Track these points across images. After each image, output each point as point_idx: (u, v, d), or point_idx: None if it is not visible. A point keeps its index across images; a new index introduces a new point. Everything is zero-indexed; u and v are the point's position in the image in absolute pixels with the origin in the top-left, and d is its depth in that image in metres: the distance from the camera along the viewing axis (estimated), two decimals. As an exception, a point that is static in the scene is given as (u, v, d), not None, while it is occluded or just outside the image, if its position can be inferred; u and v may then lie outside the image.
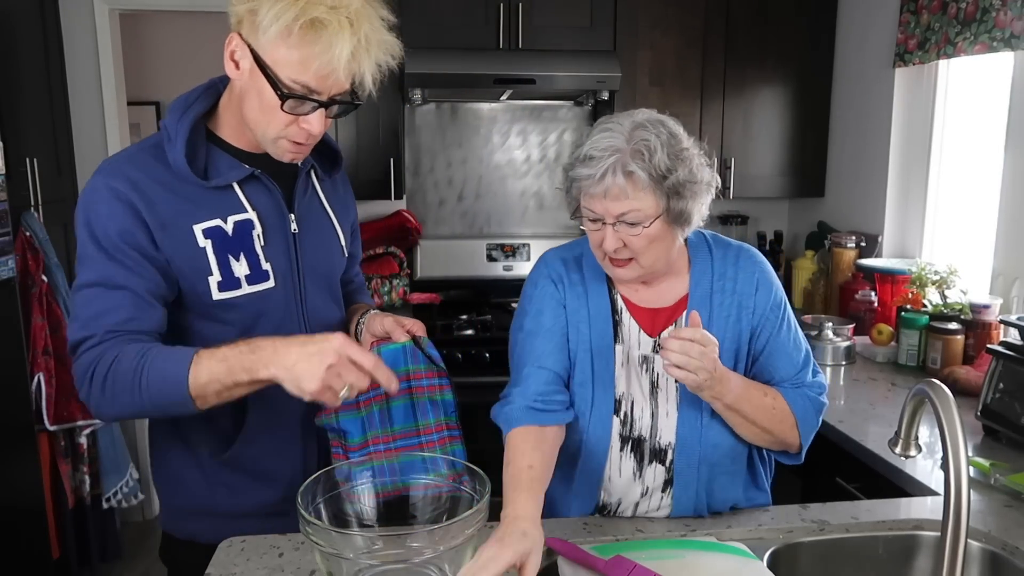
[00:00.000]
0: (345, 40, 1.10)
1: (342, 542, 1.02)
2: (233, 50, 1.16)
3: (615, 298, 1.35)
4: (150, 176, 1.18)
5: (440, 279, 3.25)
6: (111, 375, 1.11)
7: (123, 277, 1.15)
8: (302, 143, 1.21)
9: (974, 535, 1.30)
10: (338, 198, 1.42)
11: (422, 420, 1.34)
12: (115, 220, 1.16)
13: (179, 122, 1.20)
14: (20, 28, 2.73)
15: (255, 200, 1.25)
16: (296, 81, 1.13)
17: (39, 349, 2.58)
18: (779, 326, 1.32)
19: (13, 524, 2.41)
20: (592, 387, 1.32)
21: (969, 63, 2.50)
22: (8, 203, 2.37)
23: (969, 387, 2.00)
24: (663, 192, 1.20)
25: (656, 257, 1.26)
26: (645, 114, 1.24)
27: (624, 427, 1.33)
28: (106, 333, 1.14)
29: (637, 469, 1.34)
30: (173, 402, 1.11)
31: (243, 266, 1.23)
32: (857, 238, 2.84)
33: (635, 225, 1.21)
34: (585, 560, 1.14)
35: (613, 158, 1.18)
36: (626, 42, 2.91)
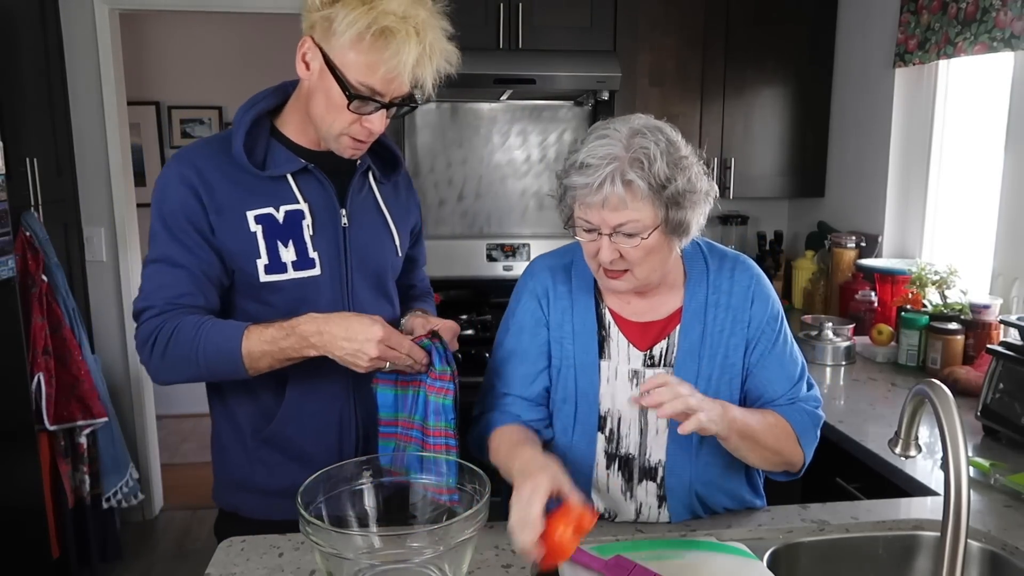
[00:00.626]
0: (412, 48, 1.20)
1: (342, 542, 1.02)
2: (305, 52, 1.25)
3: (603, 312, 1.32)
4: (213, 164, 1.30)
5: (440, 279, 3.25)
6: (171, 344, 1.25)
7: (182, 256, 1.27)
8: (363, 141, 1.31)
9: (974, 535, 1.30)
10: (399, 202, 1.49)
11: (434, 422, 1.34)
12: (179, 203, 1.28)
13: (244, 115, 1.31)
14: (20, 28, 2.73)
15: (307, 192, 1.34)
16: (363, 83, 1.22)
17: (39, 349, 2.59)
18: (774, 340, 1.30)
19: (13, 524, 2.41)
20: (576, 403, 1.31)
21: (969, 63, 2.50)
22: (8, 203, 2.37)
23: (969, 387, 2.00)
24: (662, 202, 1.16)
25: (652, 268, 1.24)
26: (642, 120, 1.20)
27: (610, 444, 1.31)
28: (165, 304, 1.27)
29: (626, 487, 1.32)
30: (227, 369, 1.26)
31: (290, 252, 1.32)
32: (857, 238, 2.84)
33: (633, 236, 1.18)
34: (585, 560, 1.14)
35: (611, 167, 1.14)
36: (626, 42, 2.91)
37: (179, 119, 4.54)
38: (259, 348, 1.24)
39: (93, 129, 3.09)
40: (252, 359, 1.24)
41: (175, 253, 1.28)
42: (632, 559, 1.12)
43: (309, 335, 1.23)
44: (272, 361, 1.26)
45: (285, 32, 4.36)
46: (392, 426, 1.35)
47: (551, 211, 3.39)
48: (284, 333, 1.24)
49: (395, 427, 1.34)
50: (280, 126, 1.36)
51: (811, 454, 1.30)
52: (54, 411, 2.63)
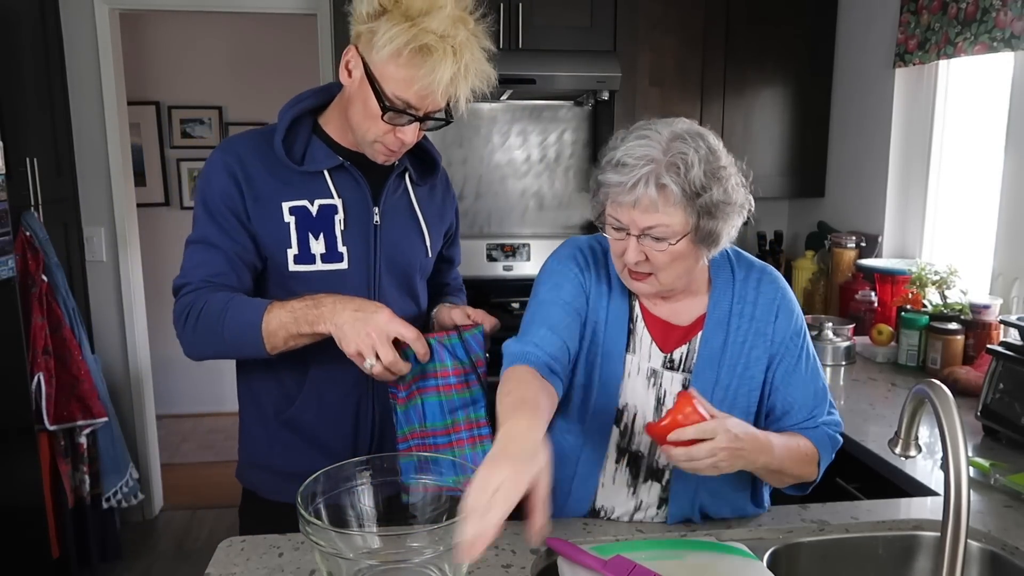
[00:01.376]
0: (447, 66, 1.24)
1: (342, 542, 1.02)
2: (348, 60, 1.30)
3: (633, 304, 1.30)
4: (255, 155, 1.36)
5: (440, 279, 3.25)
6: (201, 317, 1.31)
7: (219, 239, 1.34)
8: (395, 150, 1.36)
9: (974, 535, 1.30)
10: (434, 204, 1.53)
11: (451, 418, 1.35)
12: (220, 189, 1.34)
13: (286, 112, 1.37)
14: (20, 28, 2.73)
15: (342, 188, 1.39)
16: (398, 97, 1.27)
17: (39, 349, 2.59)
18: (799, 355, 1.29)
19: (13, 524, 2.41)
20: (595, 392, 1.28)
21: (969, 63, 2.50)
22: (8, 203, 2.37)
23: (969, 387, 2.00)
24: (694, 210, 1.14)
25: (677, 275, 1.22)
26: (685, 125, 1.18)
27: (623, 439, 1.30)
28: (201, 281, 1.33)
29: (631, 484, 1.31)
30: (248, 343, 1.29)
31: (320, 245, 1.37)
32: (857, 238, 2.84)
33: (661, 240, 1.16)
34: (585, 560, 1.14)
35: (647, 168, 1.13)
36: (626, 42, 2.91)
37: (179, 119, 4.54)
38: (277, 320, 1.28)
39: (93, 129, 3.09)
40: (270, 332, 1.28)
41: (213, 235, 1.34)
42: (632, 559, 1.12)
43: (323, 303, 1.27)
44: (287, 336, 1.28)
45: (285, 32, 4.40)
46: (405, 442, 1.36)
47: (551, 211, 3.41)
48: (304, 304, 1.28)
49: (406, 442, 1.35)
50: (323, 125, 1.41)
51: (822, 473, 1.29)
52: (54, 411, 2.63)
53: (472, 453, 1.34)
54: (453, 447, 1.34)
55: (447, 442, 1.35)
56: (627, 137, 1.18)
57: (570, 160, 3.38)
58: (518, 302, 3.13)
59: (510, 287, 3.22)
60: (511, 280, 3.26)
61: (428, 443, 1.35)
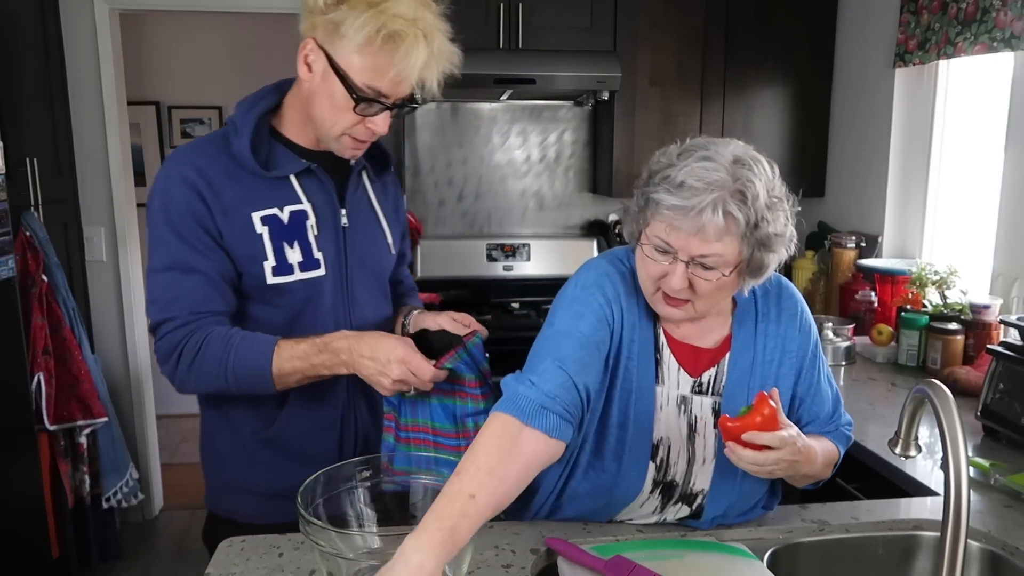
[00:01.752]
0: (420, 51, 1.22)
1: (342, 542, 1.02)
2: (307, 54, 1.25)
3: (658, 333, 1.22)
4: (216, 165, 1.28)
5: (440, 279, 3.25)
6: (200, 357, 1.25)
7: (196, 260, 1.26)
8: (364, 141, 1.32)
9: (974, 535, 1.30)
10: (388, 200, 1.50)
11: (461, 424, 1.36)
12: (186, 205, 1.25)
13: (246, 116, 1.30)
14: (20, 28, 2.73)
15: (310, 192, 1.34)
16: (370, 86, 1.23)
17: (39, 349, 2.59)
18: (819, 366, 1.28)
19: (13, 524, 2.40)
20: (630, 429, 1.20)
21: (969, 63, 2.50)
22: (8, 203, 2.37)
23: (969, 387, 2.00)
24: (750, 241, 1.08)
25: (715, 302, 1.18)
26: (741, 147, 1.11)
27: (659, 473, 1.24)
28: (189, 314, 1.26)
29: (660, 507, 1.28)
30: (256, 385, 1.27)
31: (296, 253, 1.31)
32: (857, 238, 2.84)
33: (710, 270, 1.09)
34: (585, 560, 1.14)
35: (714, 195, 1.05)
36: (626, 42, 2.91)
37: (179, 119, 4.54)
38: (290, 364, 1.25)
39: (93, 129, 3.09)
40: (282, 375, 1.26)
41: (188, 257, 1.25)
42: (632, 559, 1.12)
43: (340, 351, 1.26)
44: (302, 378, 1.27)
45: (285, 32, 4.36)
46: (407, 431, 1.36)
47: (551, 211, 3.40)
48: (317, 349, 1.26)
49: (407, 431, 1.36)
50: (278, 126, 1.35)
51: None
52: (54, 411, 2.63)
53: None
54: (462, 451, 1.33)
55: (455, 445, 1.34)
56: (685, 156, 1.10)
57: (570, 160, 3.38)
58: (518, 302, 3.13)
59: (510, 287, 3.22)
60: (511, 280, 3.26)
61: (432, 440, 1.35)
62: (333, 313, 1.37)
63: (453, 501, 0.96)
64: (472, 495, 0.96)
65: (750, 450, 1.09)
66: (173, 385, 1.30)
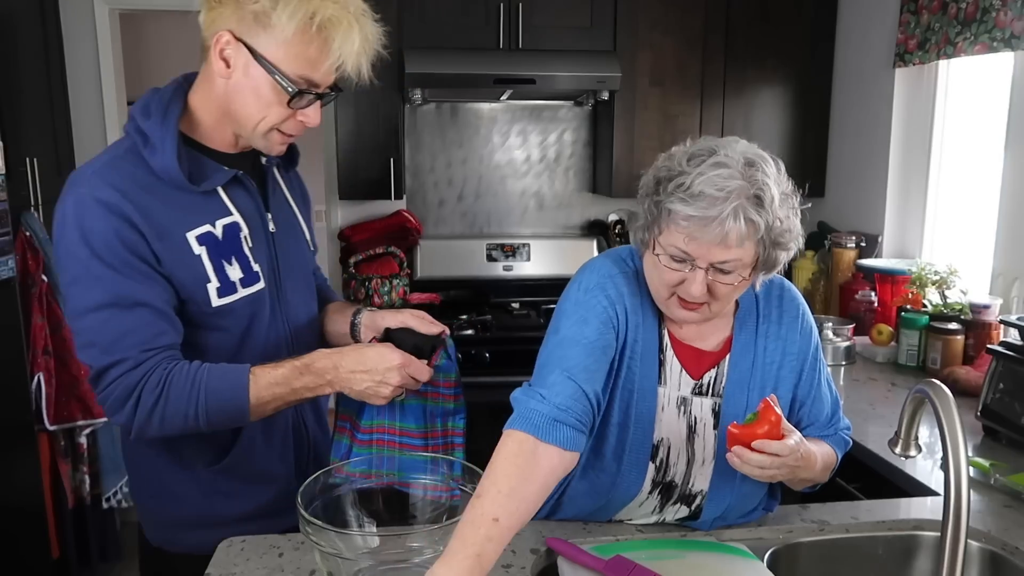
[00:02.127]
0: (355, 36, 1.14)
1: (342, 542, 1.02)
2: (223, 48, 1.14)
3: (663, 334, 1.22)
4: (137, 184, 1.14)
5: (440, 279, 3.25)
6: (163, 399, 1.13)
7: (138, 292, 1.12)
8: (294, 135, 1.24)
9: (974, 535, 1.30)
10: (297, 193, 1.42)
11: (429, 423, 1.34)
12: (115, 233, 1.11)
13: (163, 126, 1.16)
14: (20, 28, 2.73)
15: (237, 202, 1.24)
16: (303, 76, 1.15)
17: (39, 349, 2.58)
18: (820, 372, 1.28)
19: (13, 524, 2.41)
20: (631, 430, 1.21)
21: (969, 63, 2.50)
22: (8, 203, 2.37)
23: (969, 387, 2.00)
24: (766, 242, 1.09)
25: (729, 303, 1.19)
26: (747, 147, 1.11)
27: (659, 473, 1.24)
28: (140, 353, 1.12)
29: (659, 507, 1.28)
30: (229, 420, 1.18)
31: (236, 269, 1.22)
32: (857, 238, 2.84)
33: (729, 273, 1.09)
34: (585, 560, 1.14)
35: (734, 203, 1.04)
36: (626, 42, 2.91)
37: (179, 119, 4.53)
38: (269, 392, 1.17)
39: (93, 129, 3.08)
40: (260, 404, 1.17)
41: (129, 290, 1.12)
42: (632, 559, 1.12)
43: (325, 371, 1.19)
44: (282, 404, 1.20)
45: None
46: (369, 433, 1.32)
47: (551, 211, 3.40)
48: (297, 372, 1.18)
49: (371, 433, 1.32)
50: (189, 131, 1.22)
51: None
52: (54, 411, 2.63)
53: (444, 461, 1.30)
54: (428, 451, 1.32)
55: (423, 445, 1.32)
56: (696, 162, 1.08)
57: (570, 160, 3.38)
58: (518, 302, 3.13)
59: (510, 287, 3.22)
60: (511, 280, 3.26)
61: (398, 441, 1.32)
62: (274, 324, 1.30)
63: (477, 527, 0.96)
64: (496, 519, 0.96)
65: (756, 455, 1.09)
66: (131, 432, 1.16)
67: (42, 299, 2.62)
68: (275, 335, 1.30)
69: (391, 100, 2.89)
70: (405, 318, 1.34)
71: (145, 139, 1.16)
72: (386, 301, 3.10)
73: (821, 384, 1.28)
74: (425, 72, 2.71)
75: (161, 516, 1.33)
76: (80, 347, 1.15)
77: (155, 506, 1.33)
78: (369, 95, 2.83)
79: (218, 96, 1.19)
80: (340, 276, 3.21)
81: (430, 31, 2.78)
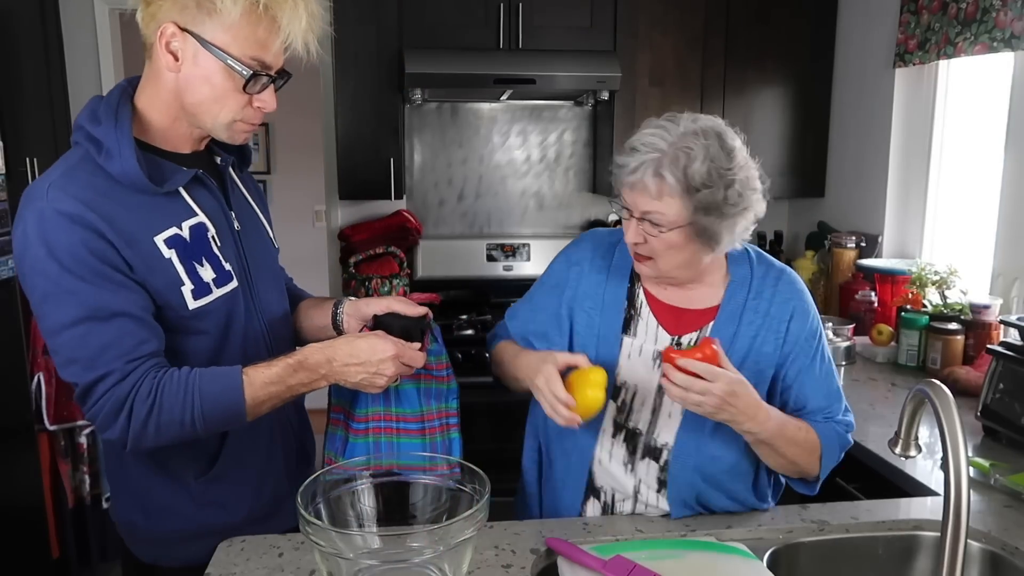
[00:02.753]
0: (301, 14, 1.14)
1: (342, 542, 1.02)
2: (168, 41, 1.12)
3: (635, 292, 1.36)
4: (97, 192, 1.11)
5: (440, 279, 3.25)
6: (157, 408, 1.11)
7: (115, 302, 1.10)
8: (256, 123, 1.22)
9: (974, 535, 1.30)
10: (253, 192, 1.41)
11: (425, 406, 1.36)
12: (83, 245, 1.08)
13: (117, 130, 1.14)
14: (20, 28, 2.73)
15: (201, 202, 1.23)
16: (254, 59, 1.14)
17: (39, 349, 2.58)
18: (813, 357, 1.31)
19: (13, 524, 2.41)
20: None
21: (969, 63, 2.50)
22: (8, 203, 2.37)
23: (969, 387, 2.00)
24: (692, 204, 1.19)
25: (676, 264, 1.27)
26: (707, 122, 1.23)
27: (620, 414, 1.34)
28: (126, 364, 1.10)
29: (628, 460, 1.33)
30: (224, 425, 1.18)
31: (208, 270, 1.20)
32: (857, 238, 2.84)
33: (659, 227, 1.22)
34: (585, 560, 1.14)
35: (651, 156, 1.19)
36: (626, 42, 2.91)
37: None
38: (264, 392, 1.16)
39: (93, 129, 3.08)
40: (256, 404, 1.17)
41: (105, 301, 1.09)
42: (632, 559, 1.12)
43: (319, 366, 1.19)
44: (277, 403, 1.20)
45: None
46: (364, 422, 1.34)
47: (551, 211, 3.40)
48: (292, 369, 1.18)
49: (366, 422, 1.34)
50: (139, 134, 1.19)
51: (827, 472, 1.31)
52: (54, 411, 2.63)
53: (443, 440, 1.35)
54: (425, 434, 1.34)
55: (419, 428, 1.34)
56: (648, 124, 1.25)
57: (570, 160, 3.38)
58: (518, 302, 3.13)
59: (510, 287, 3.22)
60: (511, 280, 3.26)
61: (395, 427, 1.34)
62: (250, 322, 1.29)
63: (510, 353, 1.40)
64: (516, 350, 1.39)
65: (680, 374, 1.15)
66: (125, 445, 1.14)
67: (42, 299, 2.62)
68: (252, 333, 1.29)
69: (391, 100, 2.89)
70: (389, 303, 1.34)
71: (99, 146, 1.14)
72: (386, 301, 3.09)
73: (813, 372, 1.30)
74: (425, 72, 2.71)
75: (153, 533, 1.30)
76: (61, 365, 1.12)
77: (146, 523, 1.30)
78: (369, 95, 2.83)
79: (168, 93, 1.17)
80: (340, 276, 3.22)
81: (430, 31, 2.78)
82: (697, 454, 1.29)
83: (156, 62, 1.15)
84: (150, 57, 1.17)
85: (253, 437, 1.30)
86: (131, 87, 1.22)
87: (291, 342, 1.42)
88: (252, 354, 1.26)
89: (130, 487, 1.30)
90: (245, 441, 1.29)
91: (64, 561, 2.74)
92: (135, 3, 1.15)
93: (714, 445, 1.28)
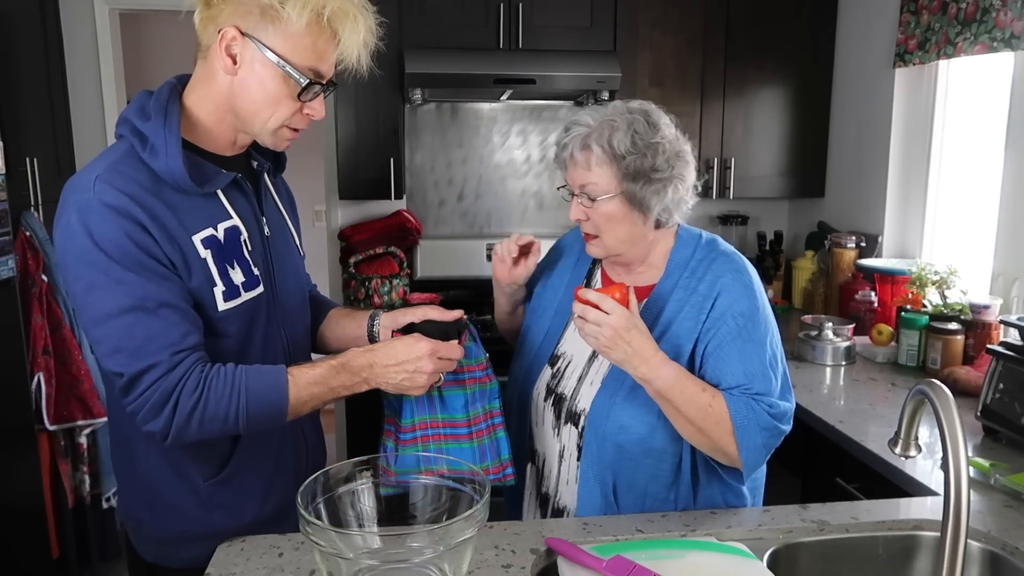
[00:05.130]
0: (360, 28, 1.18)
1: (342, 542, 1.02)
2: (229, 44, 1.14)
3: (595, 272, 1.49)
4: (141, 187, 1.12)
5: (440, 279, 3.25)
6: (203, 403, 1.12)
7: (161, 293, 1.11)
8: (301, 129, 1.24)
9: (974, 535, 1.30)
10: (285, 199, 1.42)
11: (472, 410, 1.36)
12: (129, 236, 1.09)
13: (166, 127, 1.15)
14: (20, 28, 2.73)
15: (236, 206, 1.24)
16: (312, 68, 1.17)
17: (39, 349, 2.59)
18: (737, 333, 1.28)
19: (13, 524, 2.41)
20: (544, 336, 1.48)
21: (969, 63, 2.50)
22: (8, 203, 2.37)
23: (969, 387, 2.00)
24: (620, 171, 1.28)
25: (619, 239, 1.35)
26: (637, 103, 1.34)
27: (553, 380, 1.44)
28: (172, 355, 1.11)
29: (555, 424, 1.41)
30: (266, 424, 1.19)
31: (239, 273, 1.22)
32: (857, 238, 2.84)
33: (595, 200, 1.31)
34: (585, 560, 1.14)
35: (581, 131, 1.30)
36: (626, 42, 2.91)
37: (179, 119, 4.53)
38: (307, 392, 1.18)
39: (93, 129, 3.09)
40: (299, 404, 1.18)
41: (152, 292, 1.10)
42: (632, 559, 1.13)
43: (361, 369, 1.21)
44: (318, 403, 1.21)
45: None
46: (412, 431, 1.34)
47: (551, 211, 3.40)
48: (335, 371, 1.20)
49: (414, 431, 1.34)
50: (185, 133, 1.20)
51: (750, 456, 1.26)
52: (54, 411, 2.63)
53: (490, 442, 1.37)
54: (473, 437, 1.35)
55: (467, 433, 1.35)
56: (586, 108, 1.37)
57: (570, 160, 3.38)
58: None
59: (510, 287, 3.22)
60: (511, 280, 3.26)
61: (442, 433, 1.34)
62: (271, 329, 1.29)
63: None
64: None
65: (580, 304, 1.25)
66: (164, 440, 1.14)
67: (42, 299, 2.62)
68: (273, 340, 1.30)
69: (391, 100, 2.89)
70: (425, 311, 1.35)
71: (144, 141, 1.15)
72: (386, 301, 3.10)
73: (734, 349, 1.28)
74: (425, 72, 2.71)
75: (159, 532, 1.30)
76: (105, 355, 1.12)
77: (152, 521, 1.30)
78: (369, 95, 2.83)
79: (221, 94, 1.19)
80: (340, 276, 3.22)
81: (430, 31, 2.78)
82: (607, 420, 1.32)
83: (211, 63, 1.17)
84: (204, 58, 1.18)
85: (265, 443, 1.29)
86: (180, 85, 1.24)
87: (309, 351, 1.44)
88: (271, 360, 1.25)
89: (138, 483, 1.30)
90: (256, 447, 1.28)
91: (64, 561, 2.75)
92: (192, 4, 1.17)
93: (624, 414, 1.31)
